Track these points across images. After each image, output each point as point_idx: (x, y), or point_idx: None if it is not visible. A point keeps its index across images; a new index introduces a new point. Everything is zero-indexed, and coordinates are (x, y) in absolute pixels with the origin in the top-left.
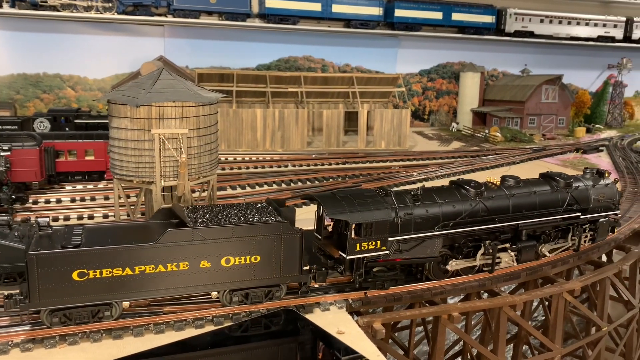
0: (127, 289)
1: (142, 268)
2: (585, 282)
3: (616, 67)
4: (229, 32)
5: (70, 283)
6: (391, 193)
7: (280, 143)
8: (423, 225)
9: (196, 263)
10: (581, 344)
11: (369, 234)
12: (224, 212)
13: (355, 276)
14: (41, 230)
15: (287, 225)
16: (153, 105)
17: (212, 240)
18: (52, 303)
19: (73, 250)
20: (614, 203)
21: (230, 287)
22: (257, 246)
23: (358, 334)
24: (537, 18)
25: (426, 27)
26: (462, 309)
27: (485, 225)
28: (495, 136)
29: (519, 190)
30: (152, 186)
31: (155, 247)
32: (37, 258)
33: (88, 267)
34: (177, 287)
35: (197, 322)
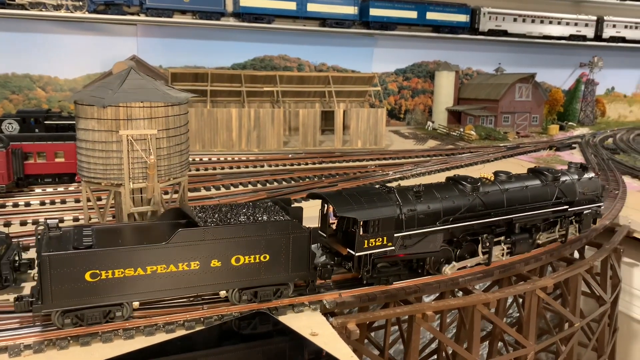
0: (138, 289)
1: (153, 268)
2: (557, 279)
3: (588, 65)
4: (204, 31)
5: (83, 284)
6: (394, 190)
7: (256, 143)
8: (425, 220)
9: (207, 262)
10: (555, 340)
11: (376, 230)
12: (232, 212)
13: (363, 272)
14: (50, 231)
15: (296, 224)
16: (121, 105)
17: (223, 240)
18: (65, 304)
19: (86, 251)
20: (597, 196)
21: (240, 285)
22: (266, 245)
23: (332, 335)
24: (511, 17)
25: (401, 26)
26: (436, 307)
27: (482, 220)
28: (470, 134)
29: (512, 185)
30: (121, 188)
31: (167, 247)
32: (50, 259)
33: (100, 267)
34: (188, 287)
35: (167, 326)
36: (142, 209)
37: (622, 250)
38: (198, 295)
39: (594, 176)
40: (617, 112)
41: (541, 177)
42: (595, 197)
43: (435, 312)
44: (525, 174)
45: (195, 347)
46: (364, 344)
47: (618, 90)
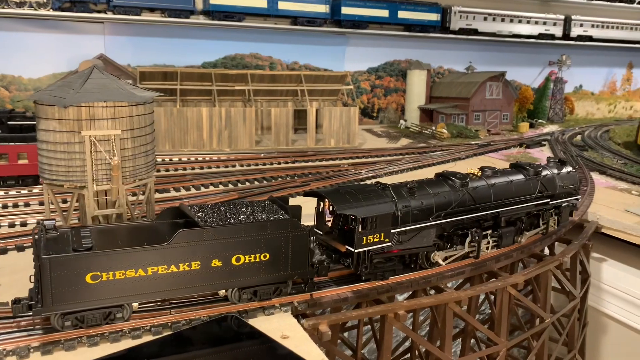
0: (139, 290)
1: (154, 269)
2: (528, 276)
3: (556, 63)
4: (173, 29)
5: (83, 286)
6: (389, 187)
7: (228, 142)
8: (419, 216)
9: (208, 262)
10: (526, 336)
11: (373, 227)
12: (231, 211)
13: (361, 268)
14: (47, 233)
15: (295, 222)
16: (83, 105)
17: (224, 239)
18: (65, 307)
19: (87, 253)
20: (575, 189)
21: (240, 284)
22: (266, 244)
23: (303, 338)
24: (481, 16)
25: (373, 25)
26: (408, 306)
27: (472, 214)
28: (441, 132)
29: (498, 179)
30: (85, 191)
31: (168, 248)
32: (51, 261)
33: (101, 269)
34: (189, 287)
35: (133, 332)
36: (107, 211)
37: (591, 245)
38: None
39: (572, 170)
40: (585, 110)
41: (524, 171)
42: (573, 190)
43: (407, 311)
44: (509, 169)
45: (163, 353)
46: (337, 345)
47: (586, 88)
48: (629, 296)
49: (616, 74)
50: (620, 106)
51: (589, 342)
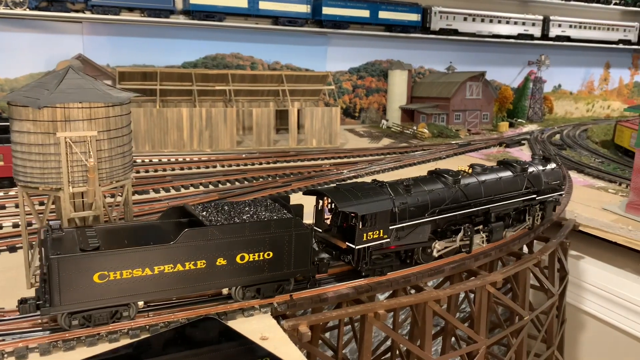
0: (146, 289)
1: (161, 268)
2: (506, 274)
3: (535, 63)
4: (153, 29)
5: (91, 285)
6: (386, 184)
7: (209, 143)
8: (415, 213)
9: (213, 261)
10: (505, 334)
11: (373, 224)
12: (234, 210)
13: (362, 264)
14: (53, 233)
15: (298, 221)
16: (58, 106)
17: (229, 238)
18: (73, 306)
19: (95, 252)
20: (559, 185)
21: (244, 282)
22: (270, 242)
23: (282, 339)
24: (461, 16)
25: (354, 25)
26: (388, 306)
27: (464, 210)
28: (422, 132)
29: (488, 176)
30: (60, 193)
31: (174, 247)
32: (59, 261)
33: (109, 268)
34: (194, 285)
35: (110, 335)
36: (84, 213)
37: (568, 243)
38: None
39: (556, 167)
40: (564, 109)
41: (511, 168)
42: (557, 186)
43: (387, 311)
44: (497, 166)
45: (140, 357)
46: (318, 346)
47: (564, 88)
48: (606, 293)
49: (594, 74)
50: (598, 105)
51: (568, 339)
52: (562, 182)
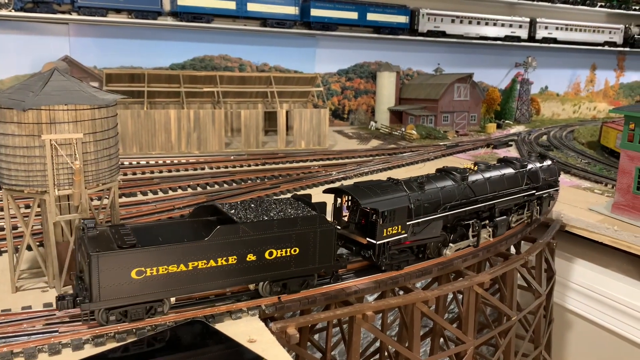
0: (180, 284)
1: (195, 264)
2: (494, 274)
3: (522, 65)
4: (140, 30)
5: (129, 281)
6: (401, 182)
7: (197, 145)
8: (429, 209)
9: (243, 257)
10: (493, 334)
11: (392, 220)
12: (260, 208)
13: (382, 259)
14: (89, 231)
15: (323, 218)
16: (43, 108)
17: (258, 235)
18: (112, 302)
19: (135, 249)
20: (554, 181)
21: (272, 278)
22: (296, 239)
23: (270, 341)
24: (449, 18)
25: (342, 27)
26: (376, 307)
27: (473, 206)
28: (411, 134)
29: (492, 173)
30: (46, 196)
31: (207, 243)
32: (100, 258)
33: (146, 265)
34: (226, 280)
35: (96, 339)
36: (70, 216)
37: (555, 244)
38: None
39: (552, 163)
40: (551, 110)
41: (512, 165)
42: (553, 182)
43: (375, 312)
44: (499, 164)
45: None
46: (307, 348)
47: (551, 89)
48: (593, 293)
49: (580, 76)
50: (585, 107)
51: (555, 338)
52: (557, 178)
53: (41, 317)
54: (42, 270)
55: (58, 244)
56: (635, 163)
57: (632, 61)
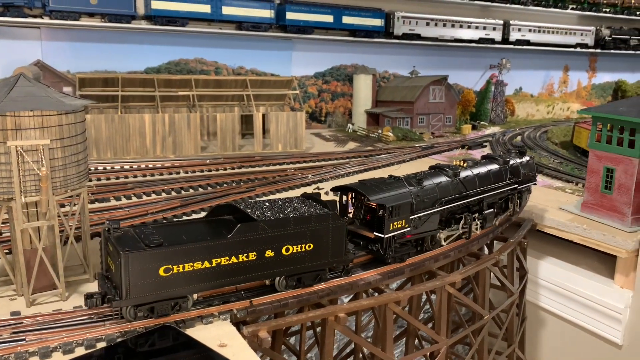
0: (204, 280)
1: (218, 260)
2: (465, 274)
3: (497, 67)
4: (114, 34)
5: (157, 278)
6: (402, 179)
7: (172, 149)
8: (427, 204)
9: (262, 253)
10: (466, 333)
11: (397, 214)
12: (274, 207)
13: (388, 252)
14: (115, 232)
15: (335, 215)
16: (8, 115)
17: (276, 232)
18: (141, 299)
19: (164, 247)
20: (533, 175)
21: (288, 273)
22: (311, 235)
23: (241, 345)
24: (424, 21)
25: (318, 30)
26: (348, 309)
27: (465, 200)
28: (387, 136)
29: (479, 169)
30: (12, 203)
31: (230, 240)
32: (130, 257)
33: (173, 262)
34: (245, 276)
35: (65, 346)
36: (37, 223)
37: (526, 243)
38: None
39: (530, 159)
40: (526, 111)
41: (496, 161)
42: (532, 176)
43: (348, 314)
44: (484, 160)
45: None
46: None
47: (525, 91)
48: (564, 290)
49: (553, 77)
50: (558, 107)
51: (528, 336)
52: (535, 173)
53: (8, 325)
54: (10, 278)
55: (26, 252)
56: (603, 162)
57: (603, 62)
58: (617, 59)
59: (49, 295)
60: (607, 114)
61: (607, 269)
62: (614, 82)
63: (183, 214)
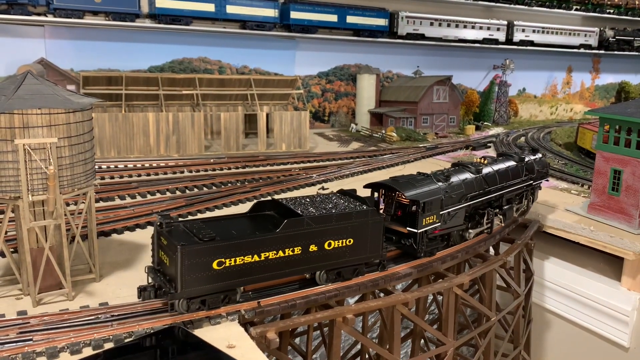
0: (252, 274)
1: (266, 254)
2: (473, 276)
3: (500, 67)
4: (118, 32)
5: (210, 272)
6: (431, 175)
7: (176, 148)
8: (455, 200)
9: (307, 247)
10: (473, 335)
11: (429, 210)
12: (315, 203)
13: (421, 246)
14: (167, 227)
15: (374, 211)
16: (15, 113)
17: (320, 227)
18: (195, 292)
19: (218, 241)
20: (545, 172)
21: (329, 267)
22: (351, 230)
23: (250, 346)
24: (427, 21)
25: (322, 29)
26: (356, 310)
27: (488, 196)
28: (391, 136)
29: (499, 166)
30: (19, 201)
31: (277, 235)
32: (187, 251)
33: (226, 256)
34: (290, 270)
35: (72, 347)
36: (44, 222)
37: (533, 244)
38: None
39: (542, 156)
40: (529, 112)
41: (512, 158)
42: (544, 173)
43: (355, 315)
44: (502, 157)
45: None
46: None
47: (529, 91)
48: (571, 292)
49: (557, 78)
50: (562, 108)
51: (534, 338)
52: (547, 169)
53: (15, 325)
54: (17, 277)
55: (32, 251)
56: (610, 164)
57: (606, 63)
58: (620, 60)
59: (56, 295)
60: (615, 115)
61: (614, 271)
62: (617, 83)
63: (188, 214)
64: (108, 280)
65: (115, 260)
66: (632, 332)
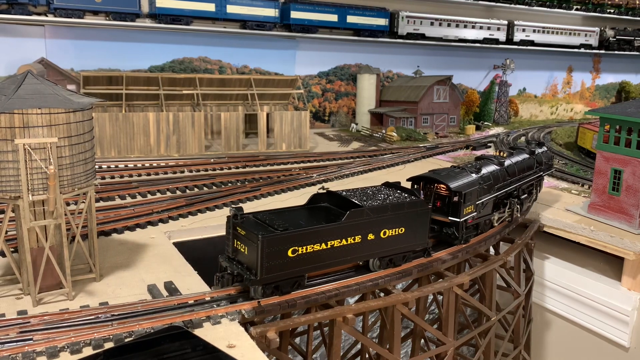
0: (319, 261)
1: (332, 243)
2: (473, 275)
3: (501, 67)
4: (118, 32)
5: (285, 259)
6: (465, 168)
7: (176, 148)
8: (486, 190)
9: (365, 236)
10: (473, 334)
11: (469, 200)
12: (366, 195)
13: (462, 234)
14: (240, 218)
15: (422, 201)
16: (16, 112)
17: (377, 217)
18: (271, 278)
19: (293, 231)
20: (550, 164)
21: (383, 254)
22: (403, 220)
23: (250, 346)
24: (428, 21)
25: (322, 29)
26: (356, 310)
27: (510, 187)
28: (391, 136)
29: (516, 158)
30: (19, 201)
31: (342, 224)
32: (267, 240)
33: (299, 244)
34: (351, 257)
35: (72, 346)
36: (44, 222)
37: (533, 244)
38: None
39: (547, 149)
40: (529, 112)
41: (524, 151)
42: (550, 165)
43: (355, 315)
44: (516, 150)
45: None
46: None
47: (529, 91)
48: (571, 292)
49: (557, 77)
50: (562, 108)
51: (534, 338)
52: (552, 161)
53: (15, 325)
54: (17, 276)
55: (33, 250)
56: (611, 164)
57: (607, 63)
58: (621, 60)
59: (56, 295)
60: (616, 115)
61: (614, 271)
62: (617, 83)
63: (188, 213)
64: (108, 280)
65: (115, 260)
66: (632, 332)
